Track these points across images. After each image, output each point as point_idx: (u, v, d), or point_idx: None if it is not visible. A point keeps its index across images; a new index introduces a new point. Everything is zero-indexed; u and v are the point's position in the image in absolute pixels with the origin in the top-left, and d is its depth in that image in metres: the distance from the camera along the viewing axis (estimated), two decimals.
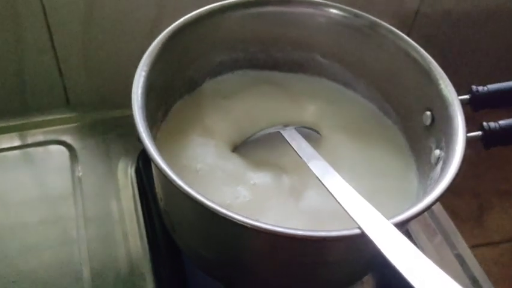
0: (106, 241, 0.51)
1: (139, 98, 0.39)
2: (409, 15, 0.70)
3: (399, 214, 0.35)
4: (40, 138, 0.59)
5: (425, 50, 0.45)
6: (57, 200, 0.55)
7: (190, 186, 0.33)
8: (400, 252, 0.31)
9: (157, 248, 0.51)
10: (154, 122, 0.44)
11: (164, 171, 0.34)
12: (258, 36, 0.50)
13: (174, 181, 0.33)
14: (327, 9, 0.48)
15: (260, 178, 0.44)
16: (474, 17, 0.73)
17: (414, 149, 0.47)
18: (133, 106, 0.38)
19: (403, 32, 0.47)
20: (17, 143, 0.59)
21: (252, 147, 0.47)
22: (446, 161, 0.39)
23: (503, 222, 0.87)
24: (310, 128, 0.48)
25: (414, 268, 0.30)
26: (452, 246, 0.56)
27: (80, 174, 0.56)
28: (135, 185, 0.56)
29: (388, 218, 0.34)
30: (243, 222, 0.33)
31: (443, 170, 0.38)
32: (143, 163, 0.57)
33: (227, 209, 0.33)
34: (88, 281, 0.49)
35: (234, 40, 0.50)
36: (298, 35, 0.51)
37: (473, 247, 0.57)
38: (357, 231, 0.33)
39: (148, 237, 0.52)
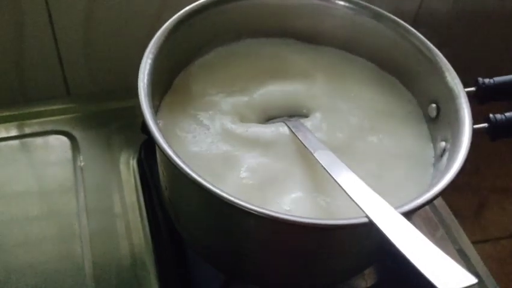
0: (108, 233, 0.51)
1: (145, 86, 0.39)
2: (412, 8, 0.70)
3: (406, 204, 0.35)
4: (40, 128, 0.59)
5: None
6: (58, 191, 0.54)
7: (198, 174, 0.33)
8: (408, 240, 0.31)
9: (159, 239, 0.51)
10: (156, 107, 0.43)
11: (174, 160, 0.33)
12: (263, 26, 0.50)
13: (184, 170, 0.33)
14: (333, 0, 0.48)
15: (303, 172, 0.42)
16: (478, 10, 0.72)
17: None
18: (139, 94, 0.38)
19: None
20: (17, 132, 0.59)
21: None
22: (452, 152, 0.39)
23: (503, 219, 0.87)
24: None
25: (423, 255, 0.30)
26: (453, 240, 0.56)
27: (82, 164, 0.56)
28: (137, 176, 0.56)
29: (395, 207, 0.34)
30: (251, 209, 0.33)
31: (450, 161, 0.38)
32: (146, 154, 0.57)
33: (235, 197, 0.33)
34: (90, 273, 0.48)
35: (239, 30, 0.50)
36: (303, 27, 0.50)
37: (472, 243, 0.57)
38: (364, 219, 0.33)
39: (150, 228, 0.52)
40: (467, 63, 0.50)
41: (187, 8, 0.45)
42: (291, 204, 0.38)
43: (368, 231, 0.34)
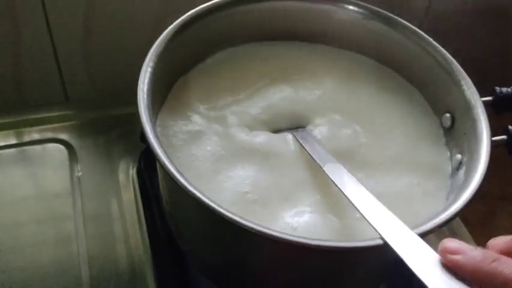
0: (107, 245, 0.50)
1: (145, 96, 0.37)
2: (420, 10, 0.67)
3: (422, 224, 0.33)
4: (37, 136, 0.57)
5: None
6: (55, 202, 0.52)
7: (202, 193, 0.31)
8: (425, 264, 0.29)
9: (159, 252, 0.49)
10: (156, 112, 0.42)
11: (176, 177, 0.32)
12: (269, 31, 0.48)
13: (187, 188, 0.31)
14: (342, 5, 0.46)
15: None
16: (489, 14, 0.70)
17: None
18: (139, 107, 0.36)
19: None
20: (13, 141, 0.57)
21: None
22: (469, 166, 0.37)
23: (510, 227, 0.86)
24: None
25: (441, 280, 0.28)
26: None
27: (80, 174, 0.54)
28: (137, 186, 0.54)
29: (411, 227, 0.32)
30: (257, 230, 0.31)
31: (468, 176, 0.36)
32: (145, 163, 0.55)
33: (241, 217, 0.31)
34: (87, 285, 0.47)
35: (244, 35, 0.48)
36: (312, 31, 0.48)
37: None
38: (377, 242, 0.31)
39: (150, 240, 0.50)
40: (481, 70, 0.48)
41: (188, 13, 0.43)
42: (298, 222, 0.36)
43: (381, 253, 0.31)
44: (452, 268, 0.29)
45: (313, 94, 0.45)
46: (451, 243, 0.29)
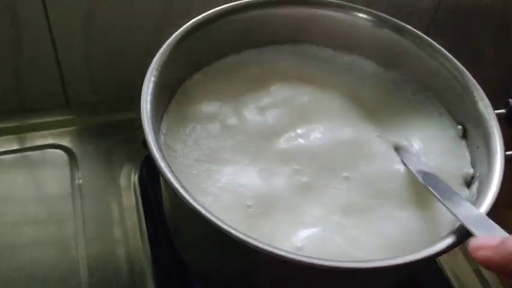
0: (107, 251, 0.49)
1: (149, 106, 0.36)
2: (428, 11, 0.66)
3: (433, 244, 0.31)
4: (37, 141, 0.56)
5: None
6: (55, 208, 0.51)
7: (208, 210, 0.30)
8: None
9: (160, 259, 0.49)
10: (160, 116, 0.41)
11: (181, 194, 0.30)
12: (277, 37, 0.47)
13: (192, 205, 0.30)
14: (351, 12, 0.45)
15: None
16: (501, 15, 0.68)
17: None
18: (142, 117, 0.35)
19: (421, 30, 0.44)
20: (12, 146, 0.56)
21: None
22: (482, 182, 0.37)
23: None
24: None
25: None
26: (471, 262, 0.54)
27: (80, 181, 0.53)
28: (138, 192, 0.54)
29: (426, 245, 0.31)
30: (264, 250, 0.29)
31: (481, 192, 0.35)
32: (148, 170, 0.54)
33: (247, 236, 0.30)
34: None
35: (251, 41, 0.47)
36: (320, 38, 0.47)
37: None
38: (384, 263, 0.30)
39: (151, 247, 0.49)
40: (494, 80, 0.47)
41: (196, 18, 0.42)
42: (303, 240, 0.35)
43: (386, 275, 0.30)
44: (484, 266, 0.27)
45: (322, 101, 0.44)
46: (476, 240, 0.28)
